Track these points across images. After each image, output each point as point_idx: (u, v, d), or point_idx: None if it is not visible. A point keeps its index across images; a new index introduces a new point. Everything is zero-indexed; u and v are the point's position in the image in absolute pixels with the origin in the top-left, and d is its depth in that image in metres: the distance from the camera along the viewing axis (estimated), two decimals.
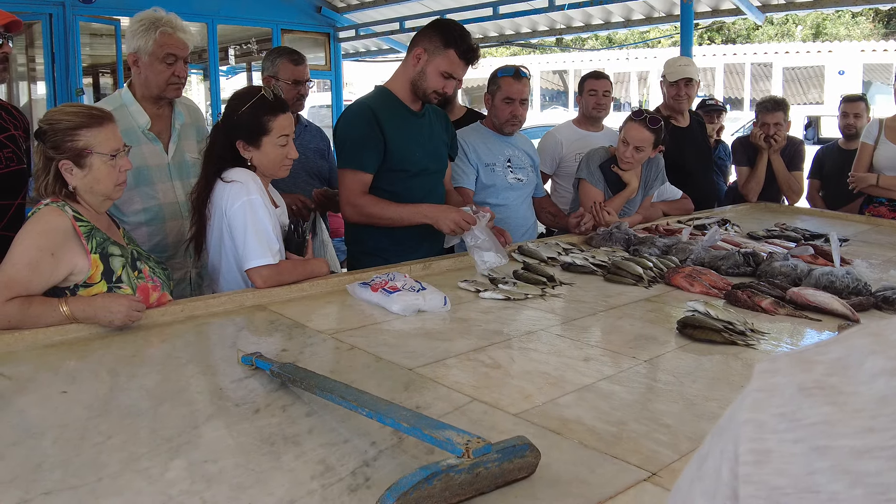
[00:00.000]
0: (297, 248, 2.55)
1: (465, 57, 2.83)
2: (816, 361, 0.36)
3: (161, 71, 2.77)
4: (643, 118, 3.51)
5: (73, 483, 1.24)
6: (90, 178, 2.09)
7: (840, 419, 0.32)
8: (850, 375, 0.34)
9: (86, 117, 2.09)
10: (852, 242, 3.49)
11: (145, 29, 2.75)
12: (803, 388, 0.34)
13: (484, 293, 2.47)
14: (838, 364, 0.35)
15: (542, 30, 8.66)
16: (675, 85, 4.26)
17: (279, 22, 8.45)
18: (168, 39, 2.76)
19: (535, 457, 1.25)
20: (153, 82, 2.80)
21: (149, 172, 2.77)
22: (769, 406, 0.35)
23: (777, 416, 0.34)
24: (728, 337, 2.01)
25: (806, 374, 0.35)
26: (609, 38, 26.47)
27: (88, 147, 2.07)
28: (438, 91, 2.89)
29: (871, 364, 0.34)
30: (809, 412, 0.33)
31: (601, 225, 3.38)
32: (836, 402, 0.33)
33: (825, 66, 21.88)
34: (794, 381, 0.35)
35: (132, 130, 2.76)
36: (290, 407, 1.56)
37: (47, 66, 6.98)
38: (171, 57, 2.77)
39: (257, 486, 1.23)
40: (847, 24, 27.63)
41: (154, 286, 2.19)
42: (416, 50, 2.88)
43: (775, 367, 0.37)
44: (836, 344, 0.37)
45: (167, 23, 2.77)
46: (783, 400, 0.35)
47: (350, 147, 2.89)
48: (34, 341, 1.92)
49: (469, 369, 1.81)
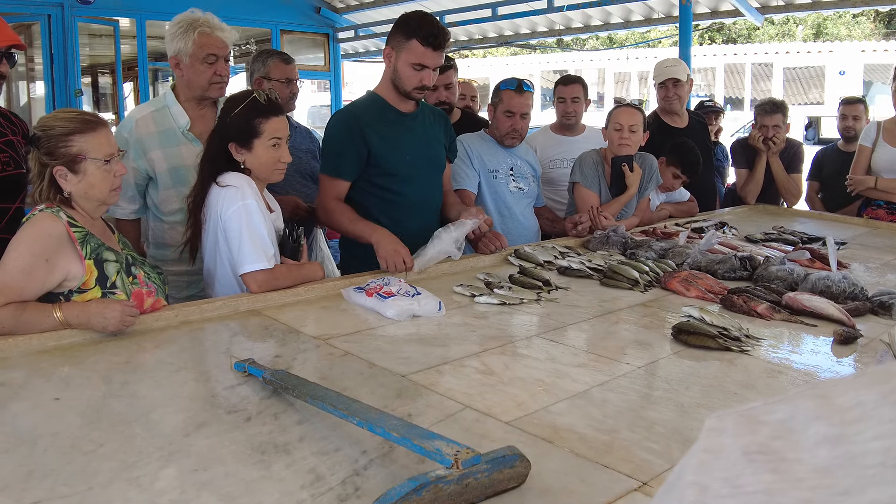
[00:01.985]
0: (292, 252, 2.55)
1: (428, 43, 2.76)
2: (763, 422, 0.36)
3: (202, 71, 2.82)
4: (626, 103, 3.70)
5: (63, 492, 1.24)
6: (84, 183, 2.09)
7: (780, 489, 0.32)
8: (794, 441, 0.34)
9: (79, 123, 2.09)
10: (850, 245, 3.49)
11: (183, 31, 2.79)
12: (747, 453, 0.34)
13: (479, 298, 2.46)
14: (784, 426, 0.35)
15: (542, 30, 8.66)
16: (664, 86, 4.36)
17: (278, 22, 8.46)
18: (207, 39, 2.80)
19: (525, 467, 1.25)
20: (196, 83, 2.84)
21: (186, 173, 2.79)
22: (713, 469, 0.35)
23: (720, 481, 0.34)
24: (723, 343, 2.01)
25: (751, 435, 0.35)
26: (610, 38, 26.46)
27: (82, 153, 2.06)
28: (418, 86, 2.84)
29: (815, 430, 0.34)
30: (751, 479, 0.33)
31: (598, 228, 3.38)
32: (777, 470, 0.33)
33: (826, 66, 21.88)
34: (739, 444, 0.35)
35: (172, 131, 2.83)
36: (282, 414, 1.56)
37: (46, 66, 6.99)
38: (211, 57, 2.82)
39: (247, 496, 1.23)
40: (848, 25, 27.62)
41: (149, 291, 2.18)
42: (385, 50, 2.89)
43: (722, 425, 0.37)
44: (783, 403, 0.36)
45: (204, 23, 2.80)
46: (727, 464, 0.34)
47: (329, 153, 2.93)
48: (27, 347, 1.92)
49: (462, 376, 1.81)
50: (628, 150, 3.60)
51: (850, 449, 0.32)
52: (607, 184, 3.69)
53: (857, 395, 0.34)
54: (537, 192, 3.69)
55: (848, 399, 0.34)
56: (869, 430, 0.32)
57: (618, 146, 3.60)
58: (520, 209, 3.55)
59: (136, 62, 7.76)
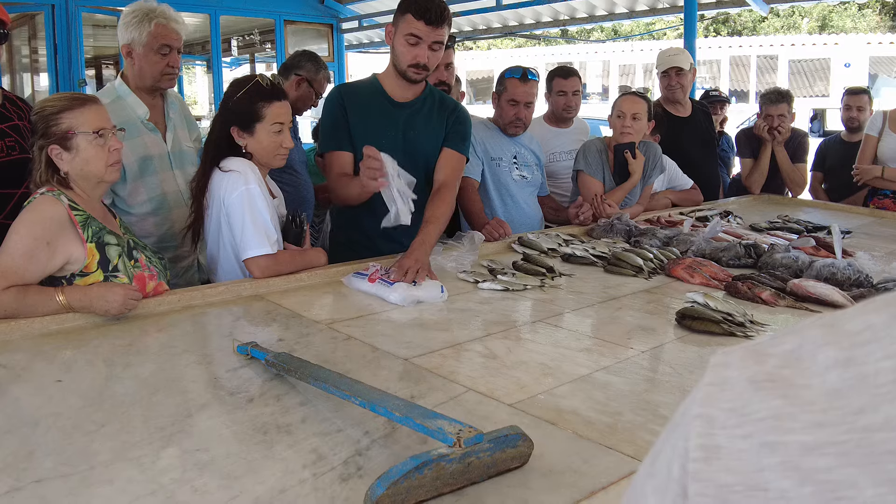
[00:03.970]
0: (295, 238, 2.55)
1: (421, 15, 2.69)
2: (769, 354, 0.35)
3: (156, 62, 2.79)
4: (630, 91, 3.69)
5: (65, 471, 1.24)
6: (79, 159, 2.09)
7: (790, 413, 0.31)
8: (803, 367, 0.33)
9: (68, 100, 2.11)
10: (855, 235, 3.47)
11: (139, 20, 2.76)
12: (754, 382, 0.33)
13: (483, 284, 2.46)
14: (791, 356, 0.34)
15: (546, 21, 8.63)
16: (666, 75, 4.36)
17: (282, 13, 8.44)
18: (162, 31, 2.77)
19: (528, 447, 1.24)
20: (148, 73, 2.81)
21: (152, 162, 2.78)
22: (719, 400, 0.34)
23: (727, 411, 0.33)
24: (727, 328, 2.00)
25: (758, 366, 0.34)
26: (614, 30, 26.39)
27: (71, 128, 2.07)
28: (412, 63, 2.75)
29: (824, 356, 0.33)
30: (759, 406, 0.32)
31: (602, 216, 3.37)
32: (786, 396, 0.32)
33: (831, 58, 21.79)
34: (745, 375, 0.34)
35: (132, 121, 2.77)
36: (285, 396, 1.55)
37: (50, 57, 6.97)
38: (165, 48, 2.79)
39: (249, 475, 1.22)
40: (853, 17, 27.50)
41: (151, 275, 2.18)
42: (387, 28, 2.85)
43: (728, 360, 0.36)
44: (790, 335, 0.36)
45: (161, 14, 2.78)
46: (734, 394, 0.34)
47: (325, 130, 2.90)
48: (30, 330, 1.92)
49: (465, 359, 1.80)
50: (630, 138, 3.59)
51: (862, 370, 0.31)
52: (611, 171, 3.68)
53: (866, 319, 0.34)
54: (541, 180, 3.68)
55: (857, 323, 0.34)
56: (880, 350, 0.32)
57: (620, 134, 3.59)
58: (523, 197, 3.53)
59: None
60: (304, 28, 8.88)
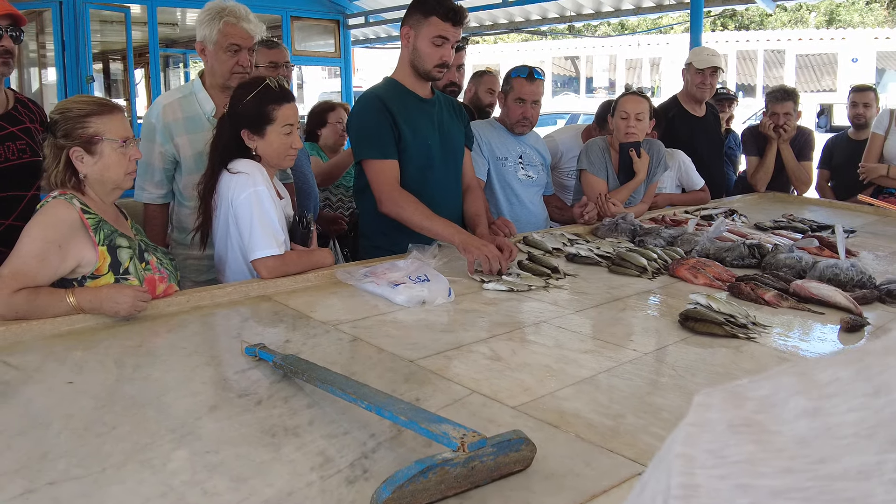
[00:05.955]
0: (302, 239, 2.57)
1: (448, 18, 2.75)
2: (747, 398, 0.37)
3: (224, 60, 2.86)
4: (632, 91, 3.71)
5: (78, 473, 1.26)
6: (101, 164, 2.12)
7: (762, 458, 0.34)
8: (776, 414, 0.35)
9: (96, 105, 2.15)
10: (860, 234, 3.48)
11: (210, 18, 2.84)
12: (732, 426, 0.36)
13: (488, 284, 2.48)
14: (766, 401, 0.36)
15: (552, 17, 8.62)
16: (702, 73, 4.31)
17: (288, 9, 8.44)
18: (231, 29, 2.83)
19: (531, 450, 1.26)
20: (218, 71, 2.89)
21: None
22: (700, 441, 0.36)
23: (706, 452, 0.35)
24: (729, 330, 2.02)
25: (736, 410, 0.37)
26: (621, 24, 26.30)
27: (99, 133, 2.10)
28: (439, 63, 2.81)
29: (795, 404, 0.35)
30: (735, 450, 0.35)
31: (607, 216, 3.39)
32: (759, 441, 0.34)
33: (838, 53, 21.70)
34: (724, 417, 0.37)
35: (198, 117, 2.87)
36: (292, 398, 1.58)
37: (57, 53, 7.00)
38: (233, 46, 2.85)
39: (257, 477, 1.25)
40: (861, 11, 27.35)
41: (161, 277, 2.21)
42: (403, 31, 2.86)
43: (710, 401, 0.38)
44: (766, 381, 0.38)
45: (231, 13, 2.84)
46: (713, 436, 0.36)
47: (367, 137, 2.83)
48: (41, 332, 1.95)
49: (470, 361, 1.82)
50: (635, 138, 3.60)
51: (827, 421, 0.34)
52: (615, 171, 3.69)
53: (834, 371, 0.36)
54: (546, 180, 3.70)
55: (826, 375, 0.36)
56: (844, 404, 0.34)
57: (624, 135, 3.60)
58: (528, 197, 3.55)
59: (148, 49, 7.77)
60: (311, 24, 8.88)
